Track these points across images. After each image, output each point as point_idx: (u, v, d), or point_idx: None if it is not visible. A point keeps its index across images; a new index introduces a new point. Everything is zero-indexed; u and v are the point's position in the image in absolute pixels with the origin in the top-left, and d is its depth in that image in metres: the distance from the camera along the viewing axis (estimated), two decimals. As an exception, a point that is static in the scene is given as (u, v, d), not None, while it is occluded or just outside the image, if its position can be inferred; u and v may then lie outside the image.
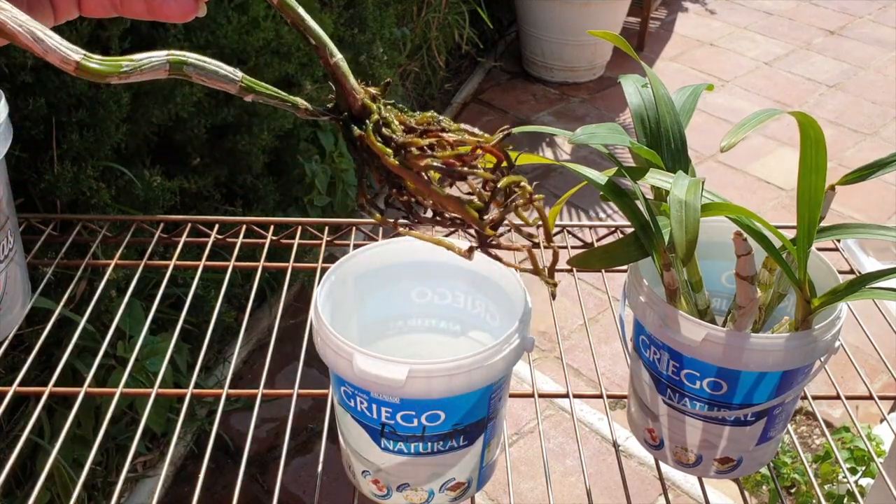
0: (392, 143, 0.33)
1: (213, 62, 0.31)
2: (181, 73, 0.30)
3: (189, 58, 0.31)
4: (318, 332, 0.59)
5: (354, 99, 0.34)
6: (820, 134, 0.55)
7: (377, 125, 0.33)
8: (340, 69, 0.34)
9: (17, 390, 0.63)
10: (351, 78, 0.34)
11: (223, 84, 0.32)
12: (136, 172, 0.95)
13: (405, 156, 0.32)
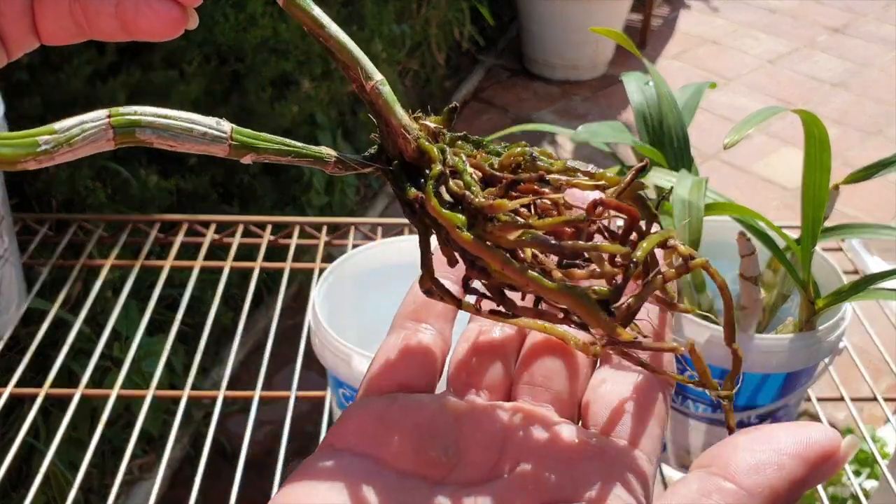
0: (465, 204, 0.22)
1: (183, 117, 0.22)
2: (134, 140, 0.21)
3: (143, 116, 0.22)
4: (316, 333, 0.58)
5: (405, 140, 0.24)
6: (824, 133, 0.54)
7: (440, 180, 0.23)
8: (382, 97, 0.24)
9: (12, 392, 0.62)
10: (398, 109, 0.24)
11: (203, 146, 0.22)
12: (132, 172, 0.94)
13: (486, 226, 0.22)
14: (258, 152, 0.23)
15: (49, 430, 0.84)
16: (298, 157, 0.24)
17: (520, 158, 0.23)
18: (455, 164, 0.23)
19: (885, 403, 0.63)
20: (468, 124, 1.91)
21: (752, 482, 0.19)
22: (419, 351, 0.25)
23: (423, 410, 0.23)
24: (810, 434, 0.20)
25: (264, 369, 0.63)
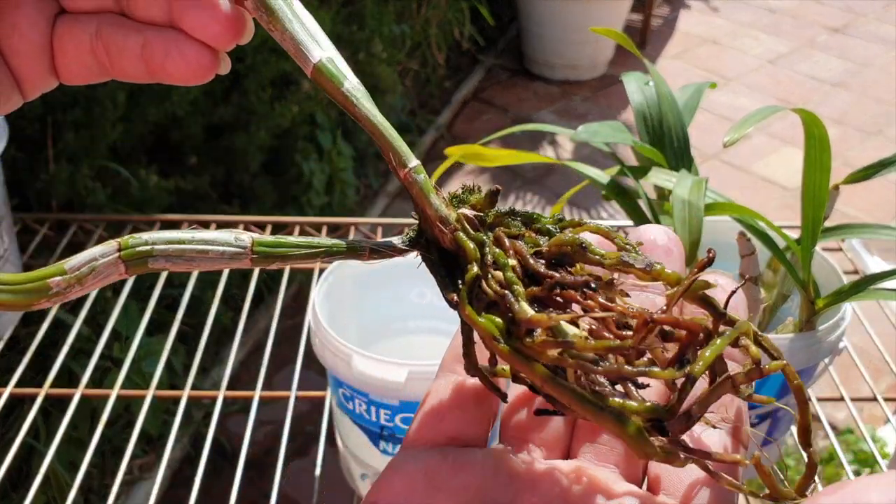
0: (503, 310, 0.21)
1: (197, 238, 0.21)
2: (147, 270, 0.20)
3: (154, 246, 0.20)
4: (316, 333, 0.58)
5: (441, 231, 0.22)
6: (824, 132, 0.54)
7: (477, 282, 0.21)
8: (417, 185, 0.23)
9: (12, 392, 0.62)
10: (433, 199, 0.22)
11: (222, 264, 0.21)
12: (132, 172, 0.94)
13: (524, 338, 0.20)
14: (285, 260, 0.22)
15: (49, 430, 0.84)
16: (329, 255, 0.22)
17: (567, 249, 0.21)
18: (496, 256, 0.22)
19: (884, 403, 0.63)
20: (468, 124, 1.91)
21: None
22: (471, 398, 0.23)
23: (475, 469, 0.21)
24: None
25: (264, 369, 0.63)
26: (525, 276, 0.21)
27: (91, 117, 0.87)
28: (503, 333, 0.21)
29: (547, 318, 0.20)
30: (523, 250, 0.22)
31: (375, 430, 0.59)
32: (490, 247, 0.22)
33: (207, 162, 1.10)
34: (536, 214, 0.23)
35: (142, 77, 0.21)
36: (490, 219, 0.23)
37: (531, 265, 0.21)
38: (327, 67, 0.23)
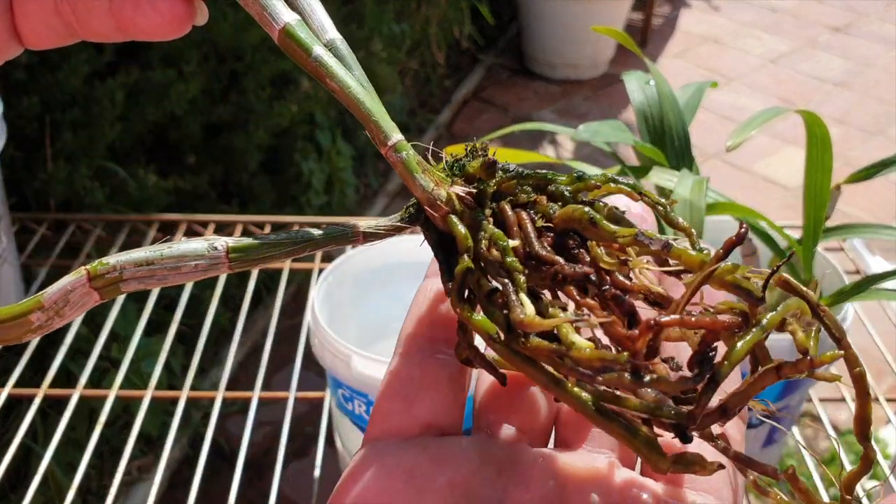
0: (498, 298, 0.19)
1: (168, 254, 0.19)
2: (122, 292, 0.19)
3: (124, 270, 0.19)
4: (315, 333, 0.58)
5: (431, 213, 0.21)
6: (826, 132, 0.54)
7: (468, 276, 0.19)
8: (401, 163, 0.20)
9: (10, 392, 0.62)
10: (419, 179, 0.20)
11: (201, 274, 0.20)
12: (130, 171, 0.94)
13: (520, 340, 0.18)
14: (266, 261, 0.20)
15: (47, 430, 0.84)
16: (317, 246, 0.21)
17: (576, 224, 0.19)
18: (495, 237, 0.19)
19: (886, 404, 0.62)
20: (468, 124, 1.91)
21: None
22: (444, 377, 0.20)
23: (460, 463, 0.19)
24: None
25: (263, 370, 0.63)
26: (530, 259, 0.19)
27: (89, 116, 0.87)
28: (502, 331, 0.18)
29: (539, 322, 0.18)
30: (528, 228, 0.19)
31: (374, 432, 0.58)
32: (487, 228, 0.19)
33: (206, 161, 1.09)
34: (551, 174, 0.20)
35: (113, 35, 0.20)
36: (493, 188, 0.20)
37: (534, 249, 0.19)
38: (294, 32, 0.20)
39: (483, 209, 0.20)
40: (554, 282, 0.18)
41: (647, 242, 0.18)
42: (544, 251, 0.19)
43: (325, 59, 0.21)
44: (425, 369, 0.20)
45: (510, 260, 0.19)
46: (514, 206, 0.20)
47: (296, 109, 1.15)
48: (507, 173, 0.21)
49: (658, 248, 0.18)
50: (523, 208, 0.20)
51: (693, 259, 0.18)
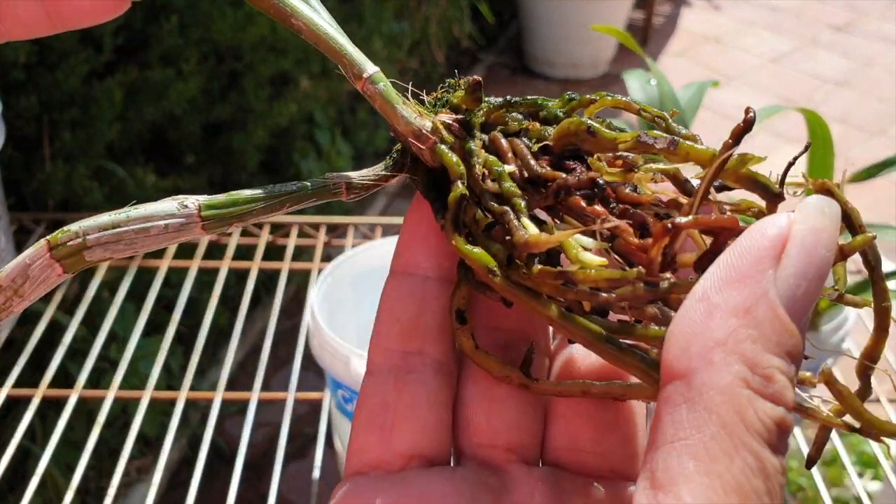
0: (504, 232, 0.17)
1: (134, 216, 0.18)
2: (88, 263, 0.18)
3: (87, 237, 0.17)
4: (314, 334, 0.58)
5: (418, 147, 0.19)
6: (827, 132, 0.54)
7: (463, 204, 0.18)
8: (379, 97, 0.19)
9: (8, 393, 0.62)
10: (401, 110, 0.19)
11: (171, 238, 0.18)
12: (129, 171, 0.94)
13: (520, 270, 0.17)
14: (243, 219, 0.19)
15: (45, 431, 0.84)
16: (297, 200, 0.19)
17: (574, 138, 0.18)
18: (489, 164, 0.18)
19: (888, 405, 0.62)
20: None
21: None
22: (420, 401, 0.18)
23: (450, 498, 0.17)
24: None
25: (262, 371, 0.63)
26: (530, 183, 0.18)
27: (88, 116, 0.86)
28: (503, 263, 0.17)
29: (546, 239, 0.16)
30: (523, 151, 0.18)
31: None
32: (480, 154, 0.18)
33: (205, 161, 1.09)
34: (542, 100, 0.19)
35: (41, 27, 0.18)
36: (481, 118, 0.19)
37: (532, 169, 0.17)
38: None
39: (473, 138, 0.19)
40: (557, 199, 0.17)
41: (651, 142, 0.17)
42: (542, 170, 0.18)
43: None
44: (400, 391, 0.18)
45: (507, 185, 0.17)
46: (506, 136, 0.19)
47: (295, 109, 1.15)
48: (493, 104, 0.19)
49: (664, 147, 0.17)
50: (516, 136, 0.19)
51: (702, 154, 0.17)
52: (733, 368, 0.14)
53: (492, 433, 0.19)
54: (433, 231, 0.19)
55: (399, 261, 0.20)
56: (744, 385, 0.14)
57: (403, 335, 0.19)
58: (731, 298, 0.14)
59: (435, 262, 0.19)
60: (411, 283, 0.19)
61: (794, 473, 1.00)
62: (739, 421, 0.14)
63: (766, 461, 0.14)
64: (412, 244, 0.19)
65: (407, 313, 0.19)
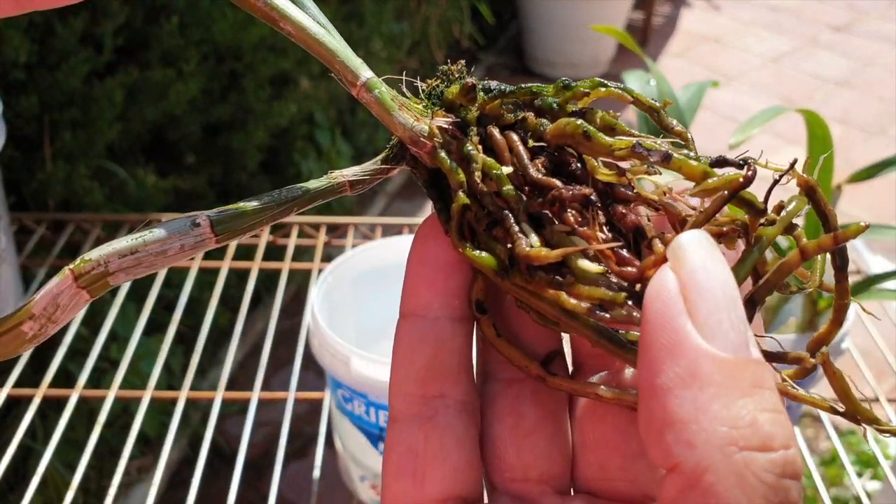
0: (499, 231, 0.18)
1: (150, 239, 0.18)
2: (111, 286, 0.19)
3: (109, 265, 0.18)
4: (314, 334, 0.58)
5: (416, 152, 0.19)
6: (827, 132, 0.54)
7: (465, 213, 0.18)
8: (375, 103, 0.19)
9: (9, 393, 0.62)
10: (398, 116, 0.19)
11: (189, 254, 0.19)
12: (129, 171, 0.94)
13: (520, 277, 0.17)
14: (253, 227, 0.19)
15: (46, 431, 0.84)
16: (303, 203, 0.20)
17: (570, 140, 0.18)
18: (487, 167, 0.18)
19: (887, 404, 0.62)
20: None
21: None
22: (448, 444, 0.18)
23: None
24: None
25: (262, 370, 0.63)
26: (527, 185, 0.18)
27: (88, 116, 0.86)
28: (505, 265, 0.17)
29: (546, 255, 0.17)
30: (520, 151, 0.18)
31: (375, 432, 0.58)
32: (478, 157, 0.18)
33: (205, 161, 1.09)
34: (536, 87, 0.19)
35: (8, 7, 0.18)
36: (476, 112, 0.19)
37: (530, 175, 0.18)
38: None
39: (470, 137, 0.19)
40: (553, 207, 0.17)
41: (646, 154, 0.17)
42: (540, 174, 0.18)
43: (278, 0, 0.19)
44: (428, 436, 0.19)
45: (507, 188, 0.18)
46: (502, 129, 0.19)
47: (295, 109, 1.15)
48: (488, 93, 0.19)
49: (658, 160, 0.17)
50: (511, 129, 0.19)
51: (695, 170, 0.17)
52: (717, 438, 0.13)
53: (523, 467, 0.19)
54: (439, 271, 0.19)
55: (408, 304, 0.19)
56: (734, 447, 0.13)
57: (422, 380, 0.19)
58: (675, 374, 0.14)
59: (444, 301, 0.19)
60: (423, 326, 0.19)
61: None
62: (743, 494, 0.13)
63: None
64: (419, 286, 0.19)
65: (423, 357, 0.19)
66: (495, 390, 0.20)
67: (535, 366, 0.19)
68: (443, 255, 0.19)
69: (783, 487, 0.13)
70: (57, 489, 0.81)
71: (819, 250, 0.17)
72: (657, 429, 0.14)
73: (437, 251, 0.19)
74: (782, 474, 0.13)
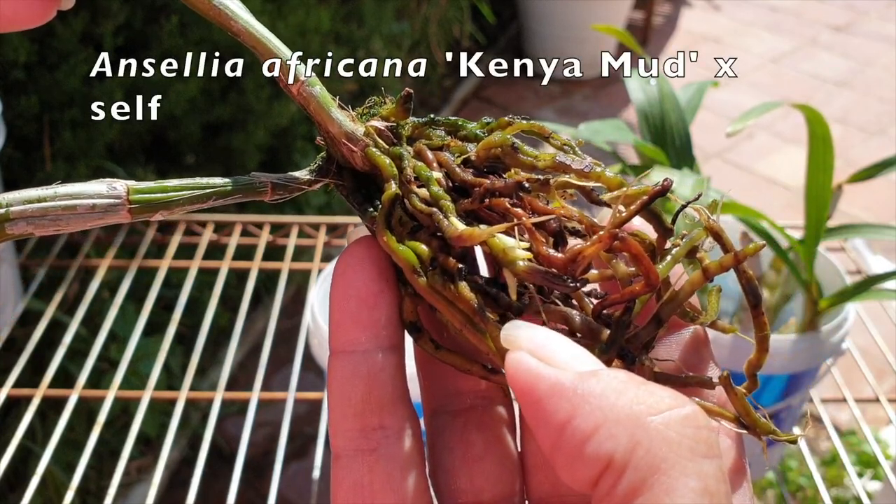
0: (431, 231, 0.19)
1: (62, 192, 0.18)
2: (10, 237, 0.18)
3: (10, 208, 0.18)
4: (314, 333, 0.58)
5: (350, 150, 0.20)
6: (827, 131, 0.54)
7: (396, 204, 0.19)
8: (314, 100, 0.20)
9: (9, 393, 0.62)
10: (335, 113, 0.20)
11: (96, 220, 0.18)
12: (129, 171, 0.94)
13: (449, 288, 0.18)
14: (169, 207, 0.19)
15: (46, 431, 0.84)
16: (223, 195, 0.19)
17: (497, 151, 0.19)
18: (418, 170, 0.19)
19: (888, 404, 0.62)
20: (469, 123, 1.91)
21: None
22: (394, 474, 0.19)
23: None
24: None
25: (262, 370, 0.63)
26: (453, 191, 0.19)
27: (88, 116, 0.86)
28: (426, 265, 0.18)
29: (479, 233, 0.17)
30: (448, 160, 0.19)
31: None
32: (409, 159, 0.19)
33: (205, 161, 1.09)
34: (462, 121, 0.21)
35: None
36: (407, 131, 0.20)
37: (458, 175, 0.19)
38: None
39: (402, 143, 0.20)
40: (483, 202, 0.18)
41: (569, 163, 0.19)
42: (469, 176, 0.19)
43: (228, 3, 0.20)
44: (373, 468, 0.19)
45: (436, 189, 0.18)
46: (430, 149, 0.20)
47: (295, 109, 1.15)
48: (419, 120, 0.20)
49: (580, 168, 0.18)
50: (438, 150, 0.20)
51: (612, 181, 0.18)
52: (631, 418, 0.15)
53: (475, 491, 0.20)
54: (362, 304, 0.19)
55: (336, 341, 0.20)
56: (649, 416, 0.15)
57: (359, 414, 0.19)
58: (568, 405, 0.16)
59: (371, 334, 0.19)
60: (355, 362, 0.19)
61: (793, 473, 1.01)
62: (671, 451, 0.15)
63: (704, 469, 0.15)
64: (345, 322, 0.19)
65: (358, 393, 0.19)
66: (443, 423, 0.20)
67: (478, 367, 0.20)
68: (364, 288, 0.19)
69: (701, 435, 0.15)
70: (57, 489, 0.81)
71: (721, 269, 0.18)
72: (580, 456, 0.15)
73: (358, 285, 0.19)
74: (697, 425, 0.15)
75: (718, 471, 0.15)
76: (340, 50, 1.25)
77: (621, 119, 1.89)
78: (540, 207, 0.18)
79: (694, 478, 0.14)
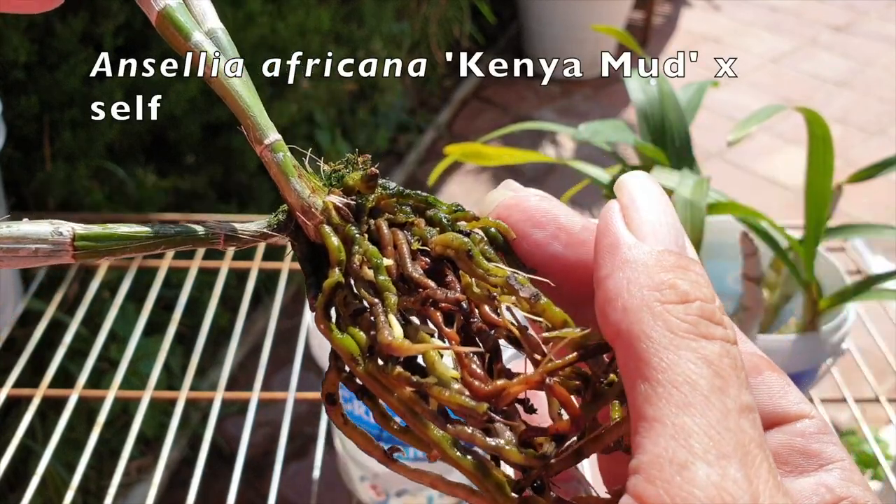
0: (364, 319, 0.18)
1: (5, 234, 0.17)
2: None
3: None
4: (314, 334, 0.58)
5: (303, 221, 0.20)
6: (827, 131, 0.54)
7: (337, 291, 0.19)
8: (275, 166, 0.20)
9: (9, 393, 0.62)
10: (293, 181, 0.19)
11: (41, 260, 0.18)
12: (129, 171, 0.94)
13: (380, 366, 0.18)
14: (114, 254, 0.19)
15: (46, 431, 0.84)
16: (173, 244, 0.19)
17: (451, 253, 0.19)
18: (369, 254, 0.19)
19: (888, 405, 0.62)
20: (468, 123, 1.91)
21: None
22: None
23: None
24: None
25: (262, 370, 0.63)
26: (402, 280, 0.19)
27: (88, 116, 0.86)
28: (363, 355, 0.18)
29: (408, 347, 0.17)
30: (403, 249, 0.19)
31: (375, 433, 0.58)
32: (362, 243, 0.19)
33: (205, 161, 1.09)
34: (432, 199, 0.20)
35: None
36: (371, 202, 0.20)
37: (407, 270, 0.18)
38: (174, 15, 0.20)
39: (359, 224, 0.20)
40: (423, 306, 0.18)
41: (518, 289, 0.18)
42: (416, 273, 0.19)
43: (204, 45, 0.20)
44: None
45: (382, 279, 0.18)
46: (391, 225, 0.20)
47: (295, 109, 1.15)
48: (386, 190, 0.20)
49: (526, 297, 0.18)
50: (400, 228, 0.20)
51: (556, 316, 0.18)
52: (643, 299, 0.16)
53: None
54: None
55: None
56: (657, 303, 0.16)
57: None
58: (612, 264, 0.17)
59: None
60: None
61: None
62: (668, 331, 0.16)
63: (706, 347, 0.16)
64: None
65: None
66: None
67: (380, 451, 0.20)
68: None
69: (703, 326, 0.16)
70: (57, 489, 0.81)
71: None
72: (602, 308, 0.17)
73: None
74: (700, 316, 0.16)
75: (721, 348, 0.16)
76: (340, 50, 1.25)
77: (621, 119, 1.89)
78: (488, 317, 0.18)
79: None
